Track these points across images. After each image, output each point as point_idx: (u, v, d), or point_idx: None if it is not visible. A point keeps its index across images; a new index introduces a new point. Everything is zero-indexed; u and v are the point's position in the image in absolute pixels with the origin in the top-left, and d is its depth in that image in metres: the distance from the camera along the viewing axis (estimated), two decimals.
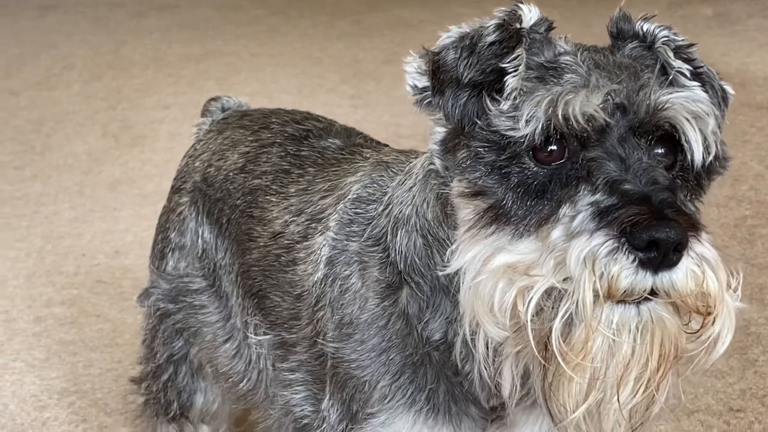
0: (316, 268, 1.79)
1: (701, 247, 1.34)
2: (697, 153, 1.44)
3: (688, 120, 1.42)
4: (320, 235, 1.81)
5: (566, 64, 1.44)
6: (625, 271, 1.30)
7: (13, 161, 4.65)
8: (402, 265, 1.63)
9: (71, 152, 4.73)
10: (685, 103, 1.43)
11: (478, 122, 1.42)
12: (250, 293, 1.99)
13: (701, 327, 1.38)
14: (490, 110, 1.41)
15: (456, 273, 1.48)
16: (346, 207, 1.79)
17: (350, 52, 6.16)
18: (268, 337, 1.93)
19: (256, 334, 1.96)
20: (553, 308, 1.34)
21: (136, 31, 6.82)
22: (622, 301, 1.34)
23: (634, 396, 1.40)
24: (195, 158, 2.24)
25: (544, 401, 1.44)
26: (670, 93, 1.43)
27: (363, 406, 1.66)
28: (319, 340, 1.75)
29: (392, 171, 1.79)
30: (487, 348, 1.46)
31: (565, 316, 1.33)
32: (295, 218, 1.90)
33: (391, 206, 1.69)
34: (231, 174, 2.10)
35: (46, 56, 6.31)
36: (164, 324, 2.23)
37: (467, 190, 1.45)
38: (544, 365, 1.39)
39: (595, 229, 1.32)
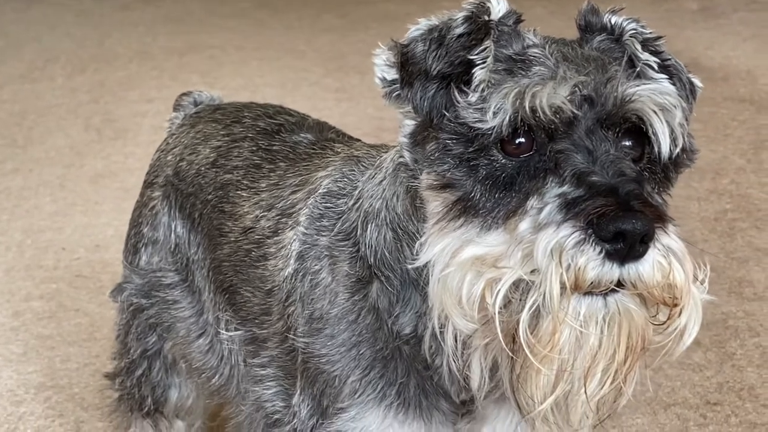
0: (287, 263, 1.79)
1: (668, 239, 1.35)
2: (665, 145, 1.44)
3: (655, 112, 1.43)
4: (291, 229, 1.81)
5: (534, 56, 1.44)
6: (592, 263, 1.30)
7: None
8: (372, 260, 1.63)
9: (53, 146, 4.71)
10: (652, 95, 1.43)
11: (447, 114, 1.42)
12: (221, 289, 1.99)
13: (668, 318, 1.38)
14: (458, 102, 1.41)
15: (425, 266, 1.48)
16: (316, 201, 1.78)
17: (335, 45, 6.15)
18: (239, 332, 1.93)
19: (227, 330, 1.96)
20: (520, 300, 1.34)
21: (121, 24, 6.80)
22: (589, 293, 1.34)
23: (602, 388, 1.40)
24: (167, 152, 2.23)
25: (512, 393, 1.44)
26: (638, 85, 1.43)
27: (333, 400, 1.66)
28: (290, 335, 1.74)
29: (363, 165, 1.78)
30: (456, 341, 1.46)
31: (533, 308, 1.33)
32: (265, 213, 1.89)
33: (361, 200, 1.69)
34: (203, 168, 2.09)
35: (29, 49, 6.29)
36: (137, 319, 2.22)
37: (436, 183, 1.45)
38: (512, 357, 1.40)
39: (562, 221, 1.32)
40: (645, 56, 1.50)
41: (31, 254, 3.68)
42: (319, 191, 1.79)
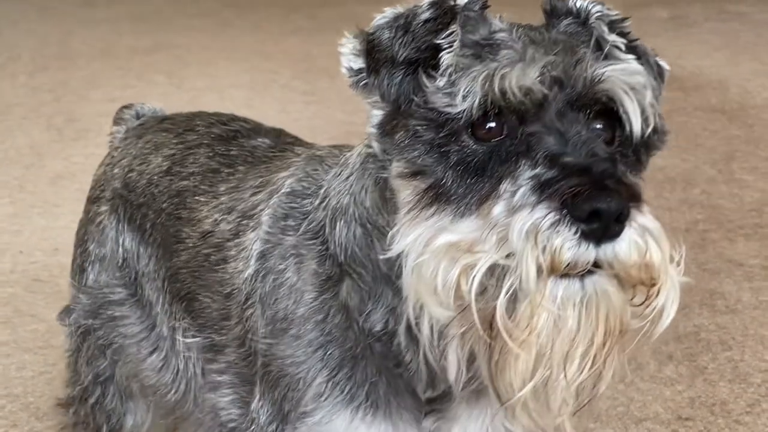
0: (247, 265, 1.73)
1: (643, 218, 1.32)
2: (636, 124, 1.41)
3: (625, 92, 1.40)
4: (252, 231, 1.75)
5: (502, 40, 1.42)
6: (568, 243, 1.27)
7: None
8: (342, 257, 1.59)
9: (13, 145, 4.61)
10: (621, 75, 1.41)
11: (415, 99, 1.40)
12: (178, 297, 1.91)
13: (646, 299, 1.35)
14: (426, 87, 1.39)
15: (397, 259, 1.43)
16: (280, 201, 1.73)
17: (304, 47, 6.07)
18: (197, 339, 1.86)
19: (185, 338, 1.89)
20: (496, 286, 1.31)
21: (85, 22, 6.70)
22: (566, 275, 1.31)
23: (581, 372, 1.37)
24: (113, 165, 2.13)
25: (491, 382, 1.40)
26: (607, 66, 1.41)
27: (296, 405, 1.61)
28: (250, 337, 1.69)
29: (326, 164, 1.74)
30: (432, 331, 1.42)
31: (510, 292, 1.30)
32: (225, 216, 1.83)
33: (328, 198, 1.64)
34: (155, 177, 2.01)
35: None
36: (87, 342, 2.11)
37: (406, 170, 1.42)
38: (490, 344, 1.36)
39: (537, 203, 1.29)
40: (612, 38, 1.47)
41: None
42: (282, 191, 1.74)
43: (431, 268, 1.35)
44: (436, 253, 1.34)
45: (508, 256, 1.29)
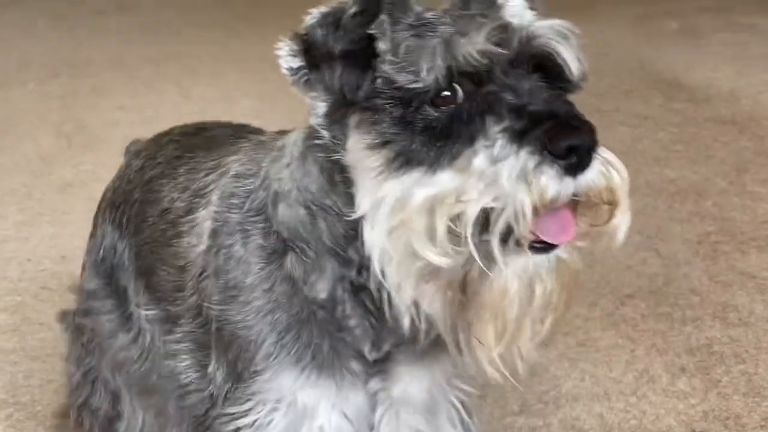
0: (200, 240, 1.86)
1: (603, 151, 1.50)
2: (575, 68, 1.56)
3: (559, 42, 1.55)
4: (203, 209, 1.89)
5: (433, 18, 1.54)
6: (552, 181, 1.43)
7: None
8: (286, 234, 1.72)
9: (22, 153, 4.60)
10: (551, 29, 1.55)
11: (366, 87, 1.52)
12: (140, 273, 2.07)
13: (608, 218, 1.53)
14: (380, 72, 1.51)
15: (345, 236, 1.64)
16: (227, 182, 1.86)
17: None
18: (154, 311, 2.00)
19: (146, 311, 2.04)
20: (483, 232, 1.46)
21: (96, 30, 6.70)
22: (537, 250, 1.48)
23: (544, 323, 1.57)
24: (110, 189, 2.34)
25: (465, 337, 1.56)
26: (536, 23, 1.56)
27: (248, 364, 1.75)
28: (205, 304, 1.82)
29: (267, 148, 1.85)
30: (398, 283, 1.55)
31: (502, 232, 1.45)
32: (180, 195, 1.98)
33: (267, 181, 1.77)
34: (132, 176, 2.20)
35: (1, 53, 6.17)
36: (78, 341, 2.25)
37: (375, 141, 1.52)
38: (464, 301, 1.52)
39: (518, 149, 1.44)
40: (528, 4, 1.62)
41: None
42: (230, 173, 1.87)
43: (421, 223, 1.47)
44: (420, 208, 1.47)
45: (494, 200, 1.43)
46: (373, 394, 1.79)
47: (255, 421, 1.76)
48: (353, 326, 1.72)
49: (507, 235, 1.46)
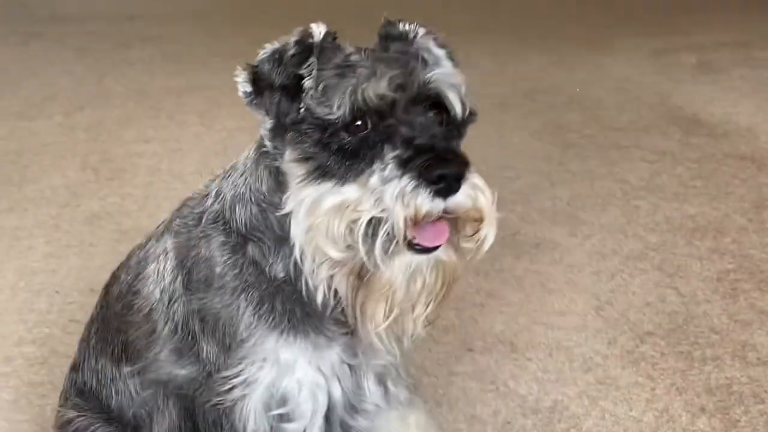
0: (160, 278, 2.21)
1: (472, 177, 1.87)
2: (458, 110, 1.95)
3: (448, 88, 1.94)
4: (153, 263, 2.23)
5: (356, 61, 1.92)
6: (426, 201, 1.82)
7: None
8: (244, 230, 2.07)
9: (49, 185, 4.67)
10: (443, 77, 1.94)
11: (294, 114, 1.90)
12: (111, 350, 2.37)
13: (475, 231, 1.93)
14: (304, 104, 1.89)
15: (288, 217, 1.96)
16: (173, 224, 2.21)
17: None
18: (128, 369, 2.31)
19: (131, 380, 2.33)
20: (373, 235, 1.84)
21: (119, 62, 6.78)
22: (419, 251, 1.88)
23: (426, 308, 1.97)
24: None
25: (354, 314, 1.98)
26: (433, 71, 1.94)
27: (234, 336, 2.09)
28: (185, 299, 2.15)
29: (194, 198, 2.22)
30: (313, 269, 1.95)
31: (384, 237, 1.83)
32: (126, 274, 2.33)
33: (222, 194, 2.12)
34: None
35: (27, 85, 6.26)
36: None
37: (300, 156, 1.91)
38: (359, 286, 1.93)
39: (402, 174, 1.82)
40: (436, 51, 2.03)
41: (24, 297, 3.62)
42: (173, 224, 2.22)
43: (325, 223, 1.86)
44: (327, 212, 1.86)
45: (382, 211, 1.82)
46: (343, 350, 2.14)
47: (246, 378, 2.09)
48: (314, 298, 2.02)
49: (392, 239, 1.84)
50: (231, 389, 2.11)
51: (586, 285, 3.70)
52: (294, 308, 2.06)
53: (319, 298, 1.99)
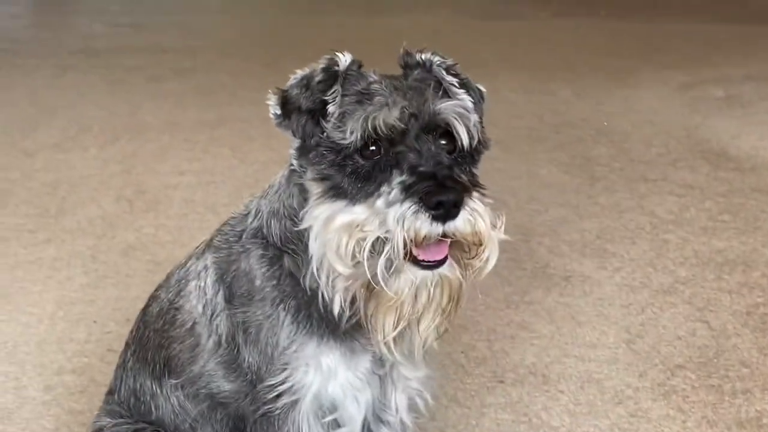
0: (202, 294, 2.34)
1: (473, 203, 1.99)
2: (465, 140, 2.06)
3: (455, 119, 2.06)
4: (194, 280, 2.36)
5: (375, 90, 2.06)
6: (425, 224, 1.95)
7: (27, 224, 4.66)
8: (280, 243, 2.22)
9: (85, 216, 4.76)
10: (453, 108, 2.07)
11: (315, 136, 2.05)
12: (156, 363, 2.47)
13: (476, 254, 2.04)
14: (325, 128, 2.04)
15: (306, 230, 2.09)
16: (214, 242, 2.35)
17: None
18: (175, 381, 2.42)
19: (175, 395, 2.44)
20: (378, 253, 1.98)
21: (153, 95, 6.89)
22: (423, 267, 2.01)
23: (434, 321, 2.10)
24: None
25: (367, 323, 2.10)
26: (443, 102, 2.07)
27: (276, 345, 2.22)
28: (228, 312, 2.28)
29: (230, 223, 2.37)
30: (328, 280, 2.07)
31: (387, 256, 1.97)
32: (166, 293, 2.46)
33: (260, 212, 2.27)
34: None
35: (62, 117, 6.37)
36: None
37: (317, 176, 2.06)
38: (369, 297, 2.05)
39: (404, 199, 1.95)
40: (449, 78, 2.14)
41: (63, 327, 3.70)
42: (213, 241, 2.36)
43: (336, 241, 1.99)
44: (338, 230, 1.99)
45: (386, 232, 1.95)
46: (378, 357, 2.26)
47: (292, 386, 2.21)
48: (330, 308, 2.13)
49: (394, 258, 1.97)
50: (278, 396, 2.22)
51: (617, 318, 3.74)
52: (329, 316, 2.17)
53: (336, 309, 2.10)
